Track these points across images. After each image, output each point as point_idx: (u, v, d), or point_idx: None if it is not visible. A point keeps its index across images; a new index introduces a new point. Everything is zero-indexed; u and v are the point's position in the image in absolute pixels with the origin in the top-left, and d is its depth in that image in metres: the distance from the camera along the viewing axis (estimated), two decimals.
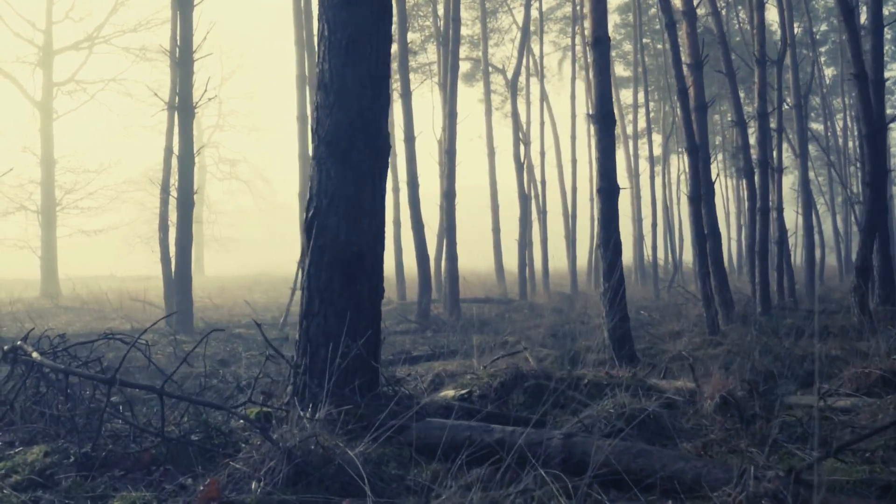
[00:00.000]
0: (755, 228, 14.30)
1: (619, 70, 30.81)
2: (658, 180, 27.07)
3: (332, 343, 3.73)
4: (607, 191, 8.26)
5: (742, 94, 18.23)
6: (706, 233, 11.68)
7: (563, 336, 11.34)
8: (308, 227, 3.93)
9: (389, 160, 4.15)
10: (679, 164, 30.57)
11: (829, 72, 32.75)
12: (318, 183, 3.92)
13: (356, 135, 3.88)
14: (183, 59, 12.21)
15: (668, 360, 8.10)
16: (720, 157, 31.32)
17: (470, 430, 3.19)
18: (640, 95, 29.38)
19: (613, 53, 29.39)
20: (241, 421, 3.25)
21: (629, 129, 28.80)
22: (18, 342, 3.78)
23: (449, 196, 14.68)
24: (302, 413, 3.36)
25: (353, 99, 3.88)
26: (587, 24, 9.12)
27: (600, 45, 8.26)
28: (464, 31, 24.04)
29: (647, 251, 25.33)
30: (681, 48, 12.65)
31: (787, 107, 20.04)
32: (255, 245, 34.79)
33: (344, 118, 3.87)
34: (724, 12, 20.36)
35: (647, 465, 2.67)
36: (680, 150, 31.49)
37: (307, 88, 15.82)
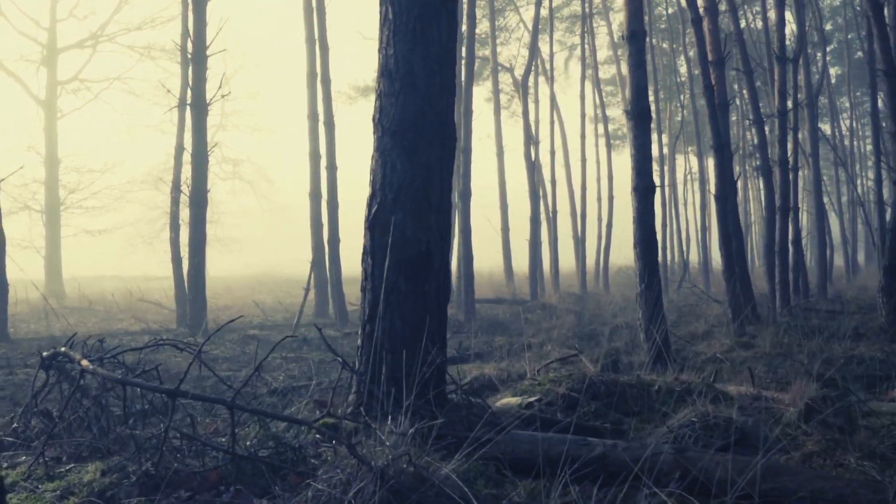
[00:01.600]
0: (773, 228, 14.10)
1: (624, 69, 30.58)
2: (664, 180, 26.88)
3: (403, 349, 3.46)
4: (644, 189, 8.02)
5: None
6: (722, 234, 11.50)
7: (587, 337, 11.10)
8: (371, 225, 3.65)
9: None
10: (685, 165, 30.39)
11: (833, 71, 32.64)
12: (381, 176, 3.64)
13: (424, 124, 3.61)
14: (196, 55, 11.92)
15: (702, 363, 7.87)
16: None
17: (564, 443, 2.92)
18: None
19: (618, 52, 29.20)
20: (317, 435, 2.97)
21: None
22: (62, 348, 3.50)
23: (464, 196, 14.41)
24: (372, 424, 3.09)
25: (420, 86, 3.61)
26: (620, 18, 8.89)
27: (636, 38, 8.01)
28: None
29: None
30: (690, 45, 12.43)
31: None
32: (258, 245, 34.44)
33: (411, 106, 3.60)
34: (739, 11, 20.16)
35: (781, 485, 2.41)
36: (688, 149, 31.30)
37: (318, 86, 15.54)
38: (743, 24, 23.34)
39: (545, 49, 23.04)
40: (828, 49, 30.16)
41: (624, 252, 28.30)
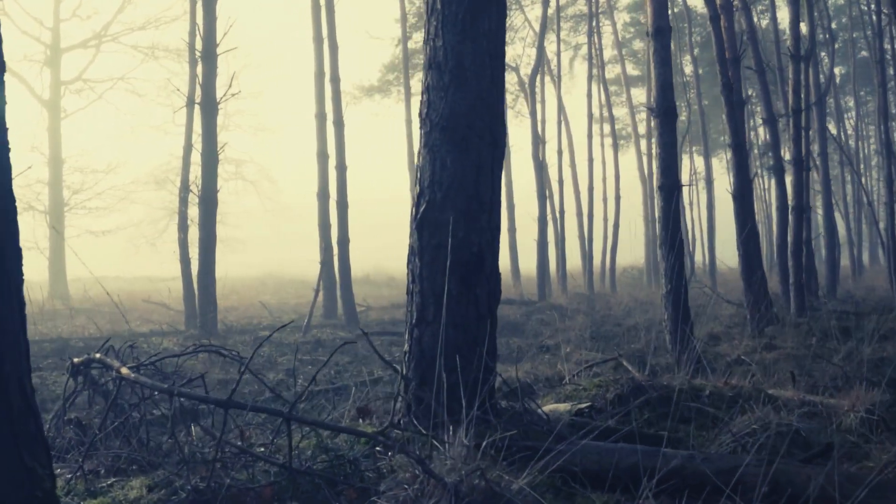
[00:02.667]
0: (784, 228, 13.98)
1: (629, 69, 30.45)
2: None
3: (455, 355, 3.31)
4: (669, 187, 7.88)
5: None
6: (741, 234, 11.38)
7: (602, 338, 10.93)
8: (419, 225, 3.49)
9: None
10: (690, 165, 30.24)
11: (837, 70, 32.50)
12: (430, 174, 3.48)
13: (476, 119, 3.45)
14: (206, 54, 11.75)
15: (726, 365, 7.72)
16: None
17: (635, 454, 2.77)
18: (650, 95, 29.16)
19: (623, 52, 29.07)
20: (377, 448, 2.80)
21: (641, 129, 28.44)
22: (96, 354, 3.33)
23: None
24: (425, 433, 2.93)
25: (472, 79, 3.45)
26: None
27: (662, 34, 7.87)
28: None
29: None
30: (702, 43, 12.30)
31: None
32: (260, 246, 34.24)
33: (462, 100, 3.44)
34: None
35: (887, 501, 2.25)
36: (692, 149, 31.14)
37: (326, 85, 15.38)
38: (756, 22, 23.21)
39: (550, 49, 22.86)
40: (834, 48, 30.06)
41: (630, 252, 28.18)
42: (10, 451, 1.53)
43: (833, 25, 31.00)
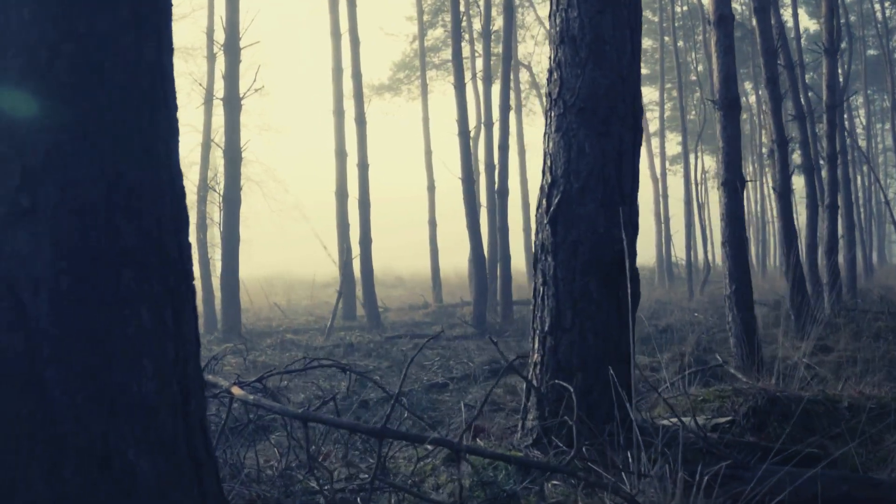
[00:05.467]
0: (814, 225, 13.71)
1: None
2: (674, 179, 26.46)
3: (596, 366, 2.93)
4: (733, 183, 7.54)
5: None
6: (784, 232, 11.09)
7: (640, 341, 10.57)
8: (553, 219, 3.11)
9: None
10: (698, 165, 29.95)
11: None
12: (565, 161, 3.10)
13: (616, 100, 3.08)
14: (229, 46, 11.34)
15: (788, 368, 7.40)
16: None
17: (844, 482, 2.40)
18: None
19: None
20: (552, 482, 2.41)
21: (651, 127, 28.16)
22: (207, 376, 2.92)
23: (502, 194, 13.87)
24: (586, 458, 2.55)
25: (612, 54, 3.08)
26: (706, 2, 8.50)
27: (725, 23, 7.52)
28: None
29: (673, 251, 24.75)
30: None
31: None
32: (266, 246, 33.83)
33: (601, 78, 3.07)
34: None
35: None
36: (699, 149, 30.85)
37: (343, 81, 15.02)
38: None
39: None
40: (842, 46, 29.88)
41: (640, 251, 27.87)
42: (189, 476, 1.15)
43: (852, 19, 30.84)
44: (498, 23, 25.42)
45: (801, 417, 3.63)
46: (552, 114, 3.18)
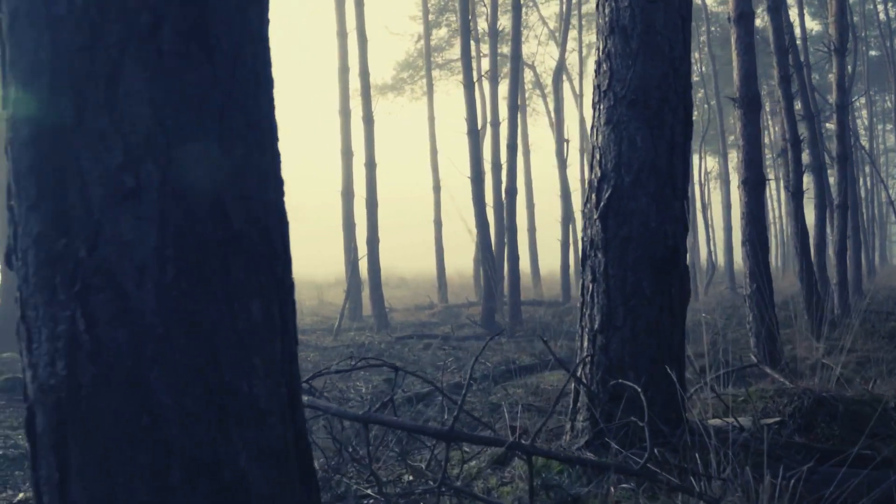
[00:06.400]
0: (822, 226, 13.65)
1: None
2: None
3: (648, 365, 2.83)
4: (754, 182, 7.45)
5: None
6: (797, 231, 11.02)
7: None
8: (603, 213, 3.01)
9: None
10: (703, 164, 29.87)
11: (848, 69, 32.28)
12: (615, 154, 3.00)
13: (669, 91, 2.98)
14: None
15: (807, 368, 7.32)
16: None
17: None
18: None
19: None
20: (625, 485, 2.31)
21: None
22: None
23: (510, 193, 13.75)
24: (636, 459, 2.44)
25: (664, 44, 2.98)
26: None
27: (745, 20, 7.45)
28: (486, 25, 23.23)
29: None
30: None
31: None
32: None
33: (653, 69, 2.97)
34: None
35: None
36: (705, 149, 30.80)
37: (350, 80, 14.89)
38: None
39: (568, 46, 22.44)
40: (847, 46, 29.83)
41: None
42: (297, 486, 1.05)
43: (854, 20, 30.79)
44: (501, 22, 25.31)
45: (847, 418, 3.53)
46: (601, 106, 3.08)
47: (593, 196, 3.07)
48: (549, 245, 24.58)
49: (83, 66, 0.95)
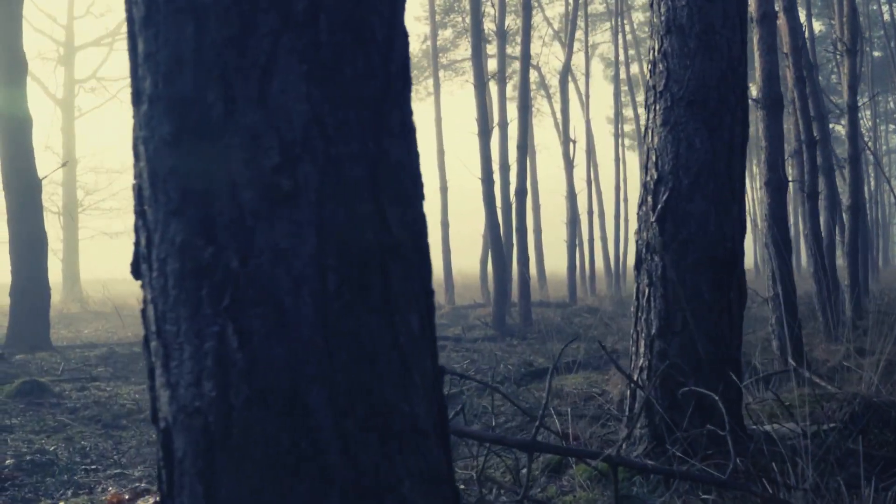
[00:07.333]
0: (832, 228, 13.62)
1: (646, 68, 30.05)
2: None
3: (709, 371, 2.76)
4: (777, 183, 7.40)
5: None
6: (812, 233, 10.99)
7: None
8: (660, 216, 2.94)
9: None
10: None
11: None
12: (673, 157, 2.93)
13: (727, 92, 2.91)
14: None
15: (827, 371, 7.27)
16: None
17: None
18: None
19: (637, 52, 28.67)
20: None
21: None
22: None
23: (520, 194, 13.69)
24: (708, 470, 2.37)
25: (722, 44, 2.92)
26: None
27: (768, 20, 7.39)
28: (492, 26, 23.17)
29: None
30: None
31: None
32: None
33: (712, 70, 2.90)
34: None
35: None
36: None
37: None
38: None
39: (573, 47, 22.40)
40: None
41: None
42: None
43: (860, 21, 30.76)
44: (507, 22, 25.26)
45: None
46: (657, 107, 3.01)
47: (649, 198, 3.00)
48: (553, 246, 24.53)
49: (232, 59, 0.87)
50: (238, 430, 0.86)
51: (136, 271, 0.97)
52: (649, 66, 3.11)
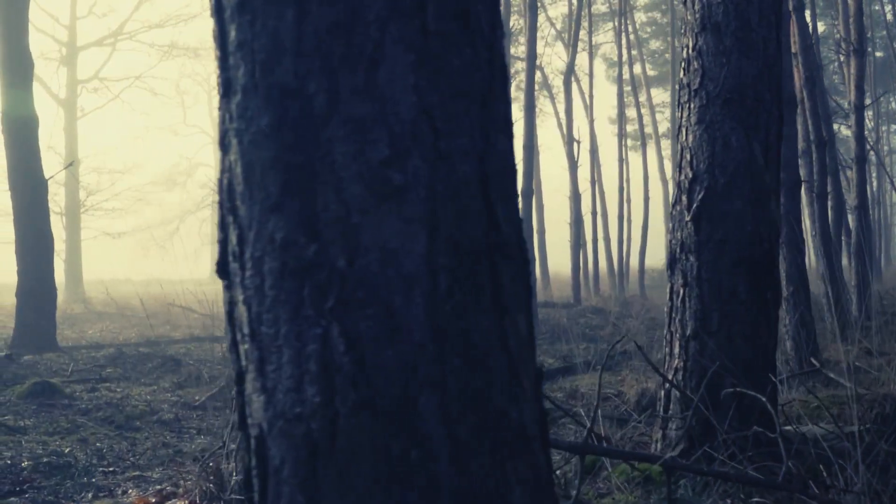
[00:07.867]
0: (840, 227, 13.63)
1: (648, 69, 30.10)
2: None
3: (744, 372, 2.72)
4: (791, 183, 7.37)
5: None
6: (822, 233, 10.98)
7: None
8: (696, 215, 2.90)
9: None
10: None
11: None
12: (709, 156, 2.89)
13: (764, 90, 2.88)
14: None
15: (839, 372, 7.24)
16: None
17: None
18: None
19: (640, 52, 28.67)
20: None
21: (661, 128, 28.09)
22: None
23: (526, 194, 13.64)
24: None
25: (758, 42, 2.88)
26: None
27: (783, 20, 7.39)
28: None
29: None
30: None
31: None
32: None
33: (749, 67, 2.87)
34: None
35: None
36: None
37: None
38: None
39: (566, 48, 22.39)
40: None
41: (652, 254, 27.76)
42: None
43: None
44: (510, 22, 25.25)
45: None
46: (692, 105, 2.97)
47: (684, 198, 2.96)
48: (556, 246, 24.50)
49: (336, 48, 0.83)
50: (344, 438, 0.81)
51: (224, 271, 0.92)
52: (683, 63, 3.07)
